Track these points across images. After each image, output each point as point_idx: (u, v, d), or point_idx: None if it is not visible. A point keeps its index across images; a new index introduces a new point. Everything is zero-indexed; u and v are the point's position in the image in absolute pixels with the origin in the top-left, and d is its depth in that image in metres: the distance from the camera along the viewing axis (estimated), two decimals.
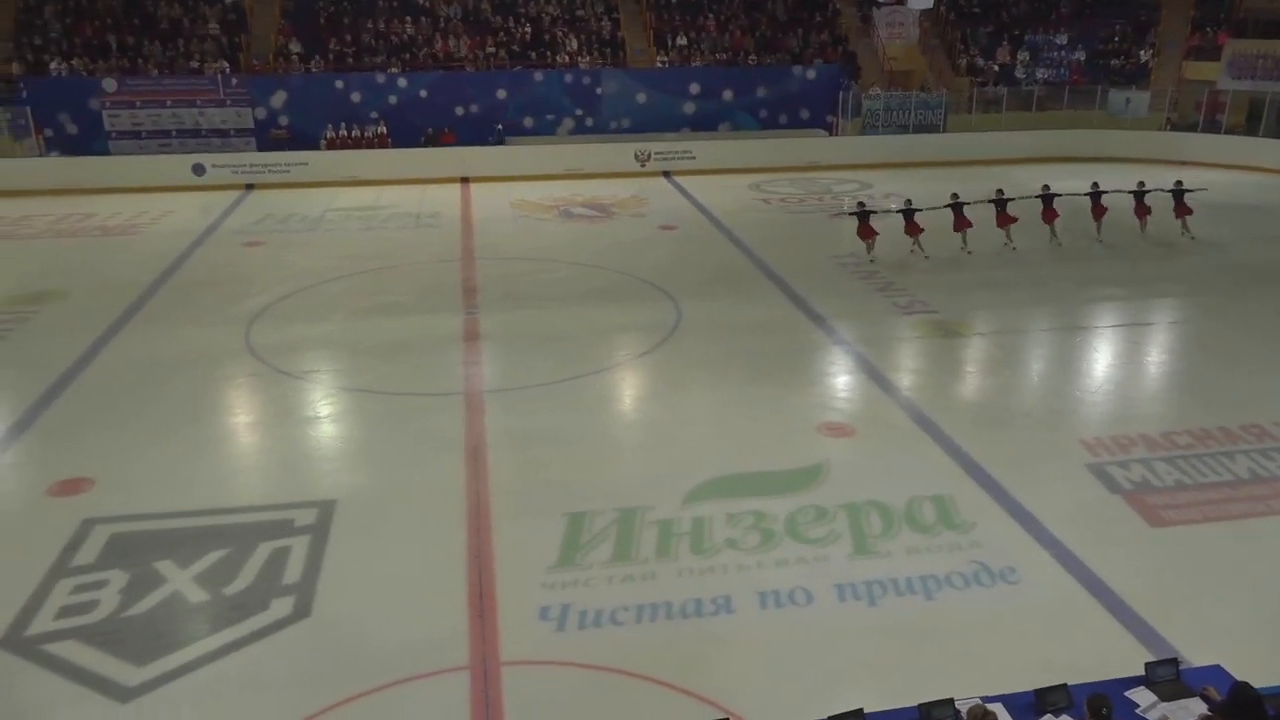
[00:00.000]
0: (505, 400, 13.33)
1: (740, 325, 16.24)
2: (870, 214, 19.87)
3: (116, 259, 20.81)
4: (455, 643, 8.23)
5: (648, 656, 8.02)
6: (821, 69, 33.40)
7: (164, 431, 12.31)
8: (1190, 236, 21.30)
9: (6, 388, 13.86)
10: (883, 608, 8.73)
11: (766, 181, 29.07)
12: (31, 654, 8.11)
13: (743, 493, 10.67)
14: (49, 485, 10.92)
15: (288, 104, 30.49)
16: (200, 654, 8.14)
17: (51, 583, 9.07)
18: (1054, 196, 20.91)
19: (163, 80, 30.12)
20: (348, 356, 15.05)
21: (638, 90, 32.41)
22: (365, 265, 20.29)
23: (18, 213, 25.09)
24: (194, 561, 9.41)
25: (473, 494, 10.74)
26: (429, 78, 31.43)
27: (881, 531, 9.91)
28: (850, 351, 15.11)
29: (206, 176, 28.43)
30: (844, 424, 12.52)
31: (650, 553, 9.55)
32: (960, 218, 20.25)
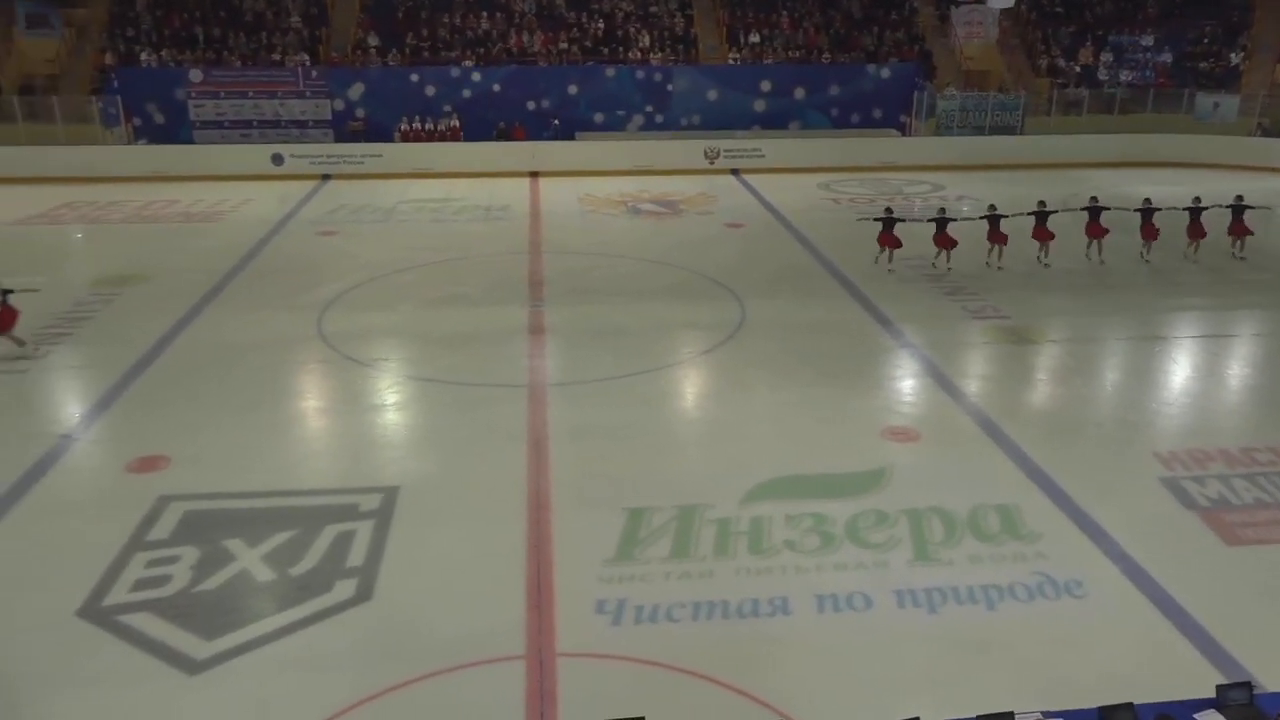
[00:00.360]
0: (568, 394, 13.42)
1: (805, 326, 16.12)
2: (896, 221, 19.15)
3: (197, 245, 21.45)
4: (512, 632, 8.32)
5: (703, 655, 8.01)
6: (896, 68, 32.95)
7: (237, 413, 12.66)
8: (1241, 257, 19.78)
9: (91, 366, 14.38)
10: (943, 616, 8.59)
11: (836, 181, 28.77)
12: (108, 624, 8.42)
13: (803, 494, 10.59)
14: (128, 462, 11.31)
15: (364, 96, 31.10)
16: (265, 631, 8.36)
17: (128, 556, 9.40)
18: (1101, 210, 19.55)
19: (245, 72, 30.95)
20: (415, 346, 15.30)
21: (709, 87, 32.34)
22: (435, 257, 20.59)
23: (107, 198, 26.02)
24: (262, 541, 9.66)
25: (533, 486, 10.84)
26: (502, 72, 31.78)
27: (944, 539, 9.75)
28: (917, 355, 14.89)
29: (285, 166, 29.14)
30: (908, 428, 12.35)
31: (708, 551, 9.54)
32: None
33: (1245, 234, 19.84)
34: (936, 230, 19.18)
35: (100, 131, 29.43)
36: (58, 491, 10.80)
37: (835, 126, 32.81)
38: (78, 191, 26.71)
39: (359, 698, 7.50)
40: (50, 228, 23.26)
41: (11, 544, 9.70)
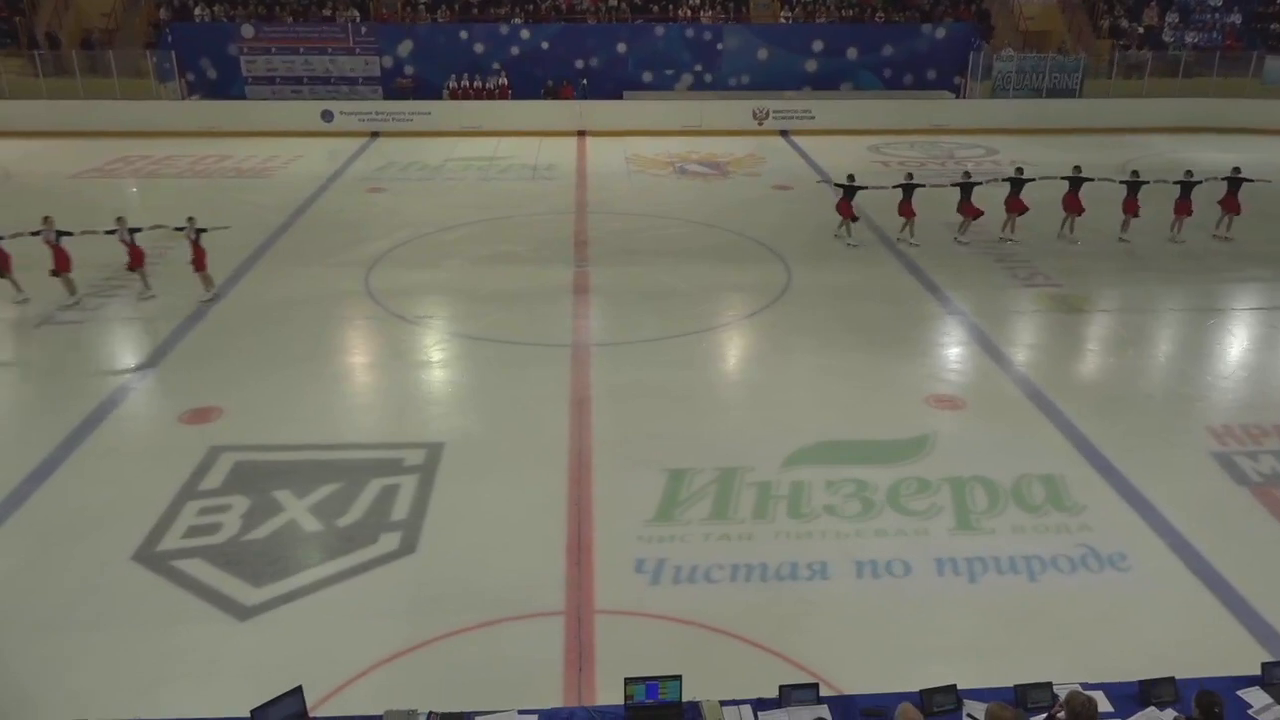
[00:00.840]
0: (612, 354, 13.46)
1: (851, 290, 15.96)
2: (856, 189, 18.22)
3: (248, 200, 21.71)
4: (552, 588, 8.44)
5: (740, 616, 8.07)
6: (952, 28, 32.17)
7: (287, 367, 12.88)
8: (1227, 238, 18.45)
9: (146, 319, 14.69)
10: (983, 585, 8.56)
11: (887, 144, 28.29)
12: (162, 569, 8.68)
13: (844, 460, 10.56)
14: (182, 412, 11.58)
15: (413, 53, 31.07)
16: (312, 580, 8.57)
17: (181, 504, 9.66)
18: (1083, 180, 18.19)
19: (296, 27, 31.05)
20: (461, 303, 15.42)
21: (759, 46, 31.85)
22: (481, 215, 20.66)
23: (161, 152, 26.39)
24: (310, 492, 9.87)
25: (576, 444, 10.93)
26: (551, 29, 31.55)
27: (986, 508, 9.68)
28: (965, 322, 14.69)
29: (334, 123, 29.29)
30: (953, 396, 12.23)
31: (748, 513, 9.57)
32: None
33: (1235, 211, 18.34)
34: (903, 197, 18.03)
35: (154, 86, 29.77)
36: (114, 439, 11.11)
37: (887, 87, 32.18)
38: (133, 145, 27.12)
39: (401, 648, 7.67)
40: (105, 181, 23.68)
41: (71, 489, 10.02)
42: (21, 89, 29.12)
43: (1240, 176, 18.34)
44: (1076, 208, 18.45)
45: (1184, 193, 18.26)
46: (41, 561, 8.80)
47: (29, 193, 22.19)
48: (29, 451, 10.61)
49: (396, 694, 6.60)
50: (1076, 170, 18.60)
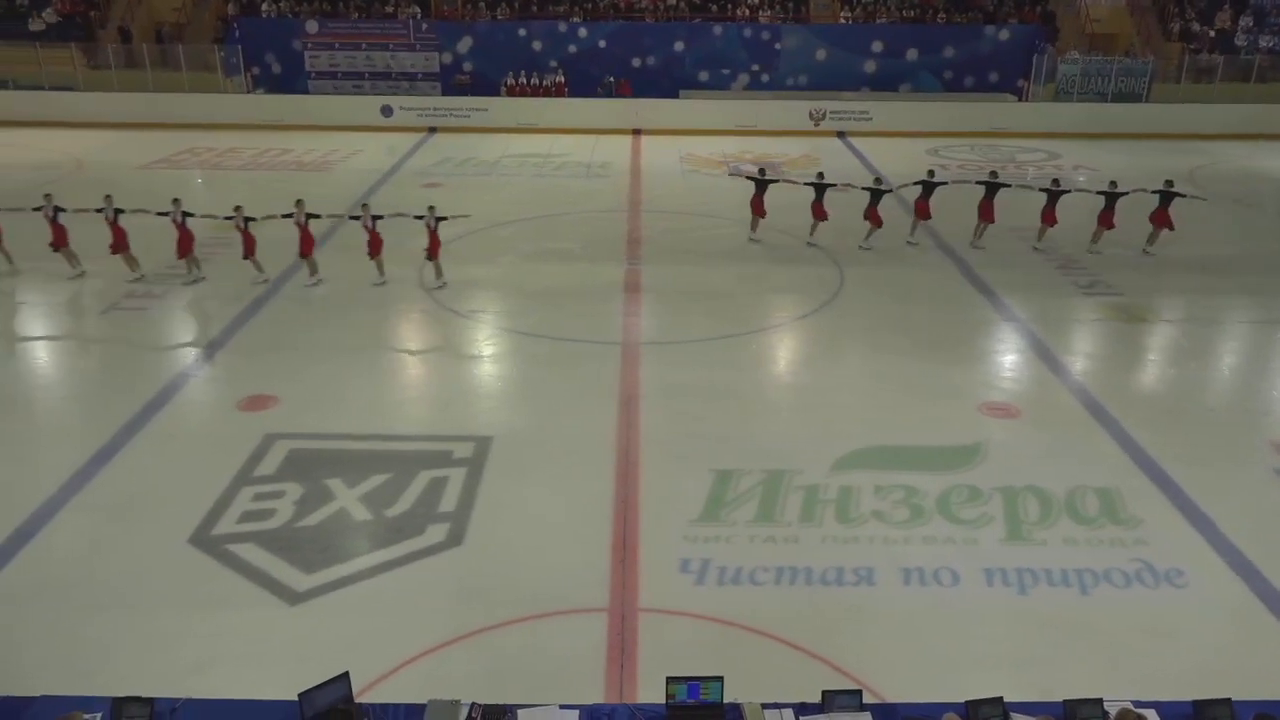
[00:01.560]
0: (662, 353, 13.47)
1: (905, 294, 15.78)
2: (769, 183, 17.84)
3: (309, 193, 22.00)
4: (596, 585, 8.47)
5: (784, 619, 8.03)
6: (1016, 29, 31.65)
7: (341, 358, 13.09)
8: (1150, 253, 17.60)
9: (207, 308, 15.03)
10: (1033, 597, 8.41)
11: (946, 147, 27.91)
12: (216, 552, 8.88)
13: (894, 465, 10.45)
14: (239, 400, 11.83)
15: (472, 50, 31.39)
16: (361, 569, 8.70)
17: (236, 489, 9.87)
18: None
19: (359, 24, 31.55)
20: (513, 299, 15.53)
21: (817, 47, 31.63)
22: (535, 211, 20.79)
23: (225, 145, 26.99)
24: (360, 482, 10.02)
25: (623, 442, 10.95)
26: (609, 27, 31.64)
27: (1039, 519, 9.51)
28: (1021, 329, 14.45)
29: (393, 118, 29.69)
30: (1007, 404, 12.03)
31: (794, 516, 9.51)
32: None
33: (1166, 226, 17.43)
34: (816, 196, 17.71)
35: (221, 80, 30.45)
36: (174, 424, 11.38)
37: (948, 90, 31.76)
38: (199, 138, 27.76)
39: (445, 639, 7.76)
40: (172, 172, 24.26)
41: (132, 471, 10.28)
42: (95, 82, 29.98)
43: (1173, 190, 17.48)
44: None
45: (1108, 204, 17.57)
46: (102, 540, 9.05)
47: (99, 183, 22.79)
48: (94, 433, 10.93)
49: (440, 684, 6.67)
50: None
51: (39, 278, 16.13)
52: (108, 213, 15.48)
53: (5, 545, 8.87)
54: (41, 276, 16.16)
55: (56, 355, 13.63)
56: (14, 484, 9.91)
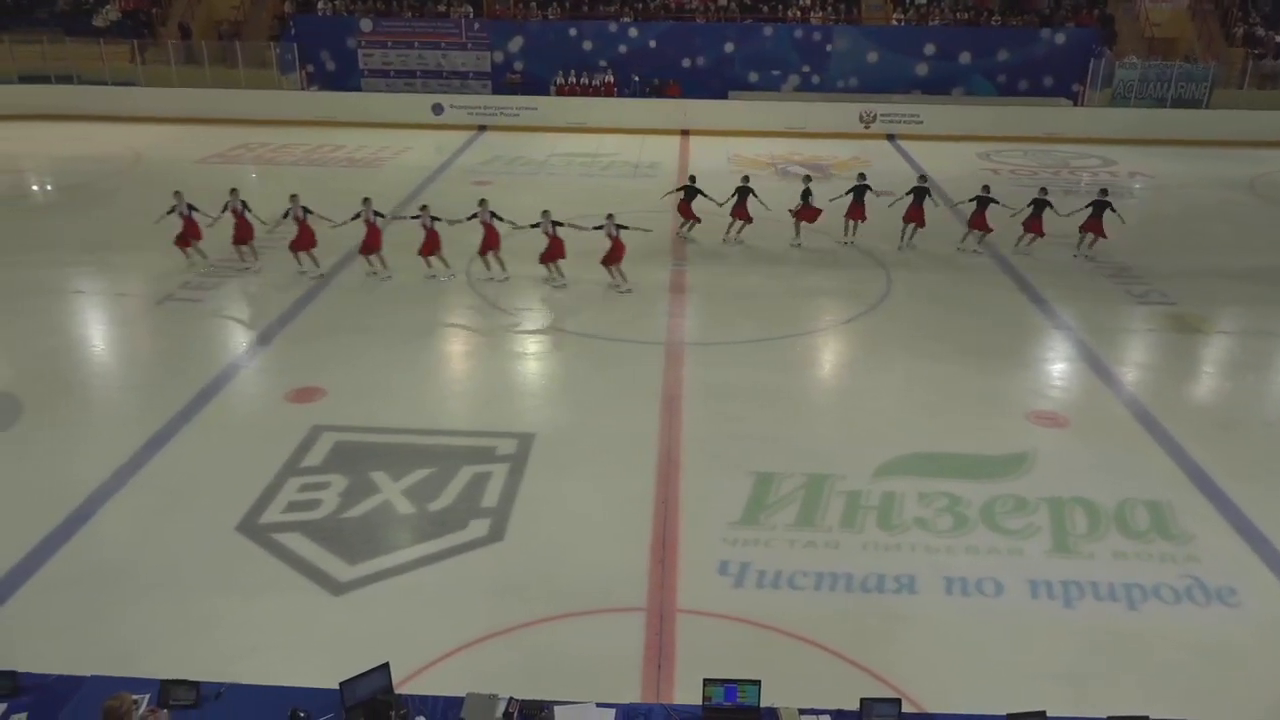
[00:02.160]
0: (705, 354, 13.44)
1: (953, 300, 15.59)
2: (698, 193, 18.02)
3: (360, 189, 22.33)
4: (635, 584, 8.48)
5: (823, 625, 7.98)
6: (1072, 33, 31.11)
7: (388, 352, 13.24)
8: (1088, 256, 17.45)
9: (259, 300, 15.29)
10: (1079, 611, 8.27)
11: (998, 151, 27.53)
12: (263, 540, 9.03)
13: (938, 473, 10.33)
14: (287, 391, 12.01)
15: (523, 49, 31.59)
16: (403, 561, 8.79)
17: (283, 479, 10.03)
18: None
19: (413, 22, 31.88)
20: (559, 297, 15.59)
21: (869, 49, 31.36)
22: (582, 210, 20.79)
23: (280, 140, 27.43)
24: (404, 475, 10.13)
25: (665, 443, 10.95)
26: (659, 28, 31.66)
27: (1086, 531, 9.34)
28: (1071, 338, 14.20)
29: (444, 116, 29.97)
30: (1056, 413, 11.83)
31: (835, 522, 9.44)
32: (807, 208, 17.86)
33: (1098, 232, 17.45)
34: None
35: (277, 77, 30.96)
36: (225, 414, 11.60)
37: (1001, 94, 31.31)
38: (254, 133, 28.25)
39: (484, 633, 7.81)
40: (227, 167, 24.71)
41: (183, 458, 10.50)
42: (155, 78, 30.65)
43: (1105, 200, 17.38)
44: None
45: (1036, 210, 17.51)
46: (153, 525, 9.24)
47: (156, 176, 23.33)
48: (148, 420, 11.17)
49: (478, 678, 6.72)
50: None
51: (100, 268, 16.52)
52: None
53: (61, 528, 9.10)
54: (102, 267, 16.56)
55: (113, 344, 13.96)
56: (71, 468, 10.16)
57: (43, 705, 5.80)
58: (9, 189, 22.41)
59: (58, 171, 24.09)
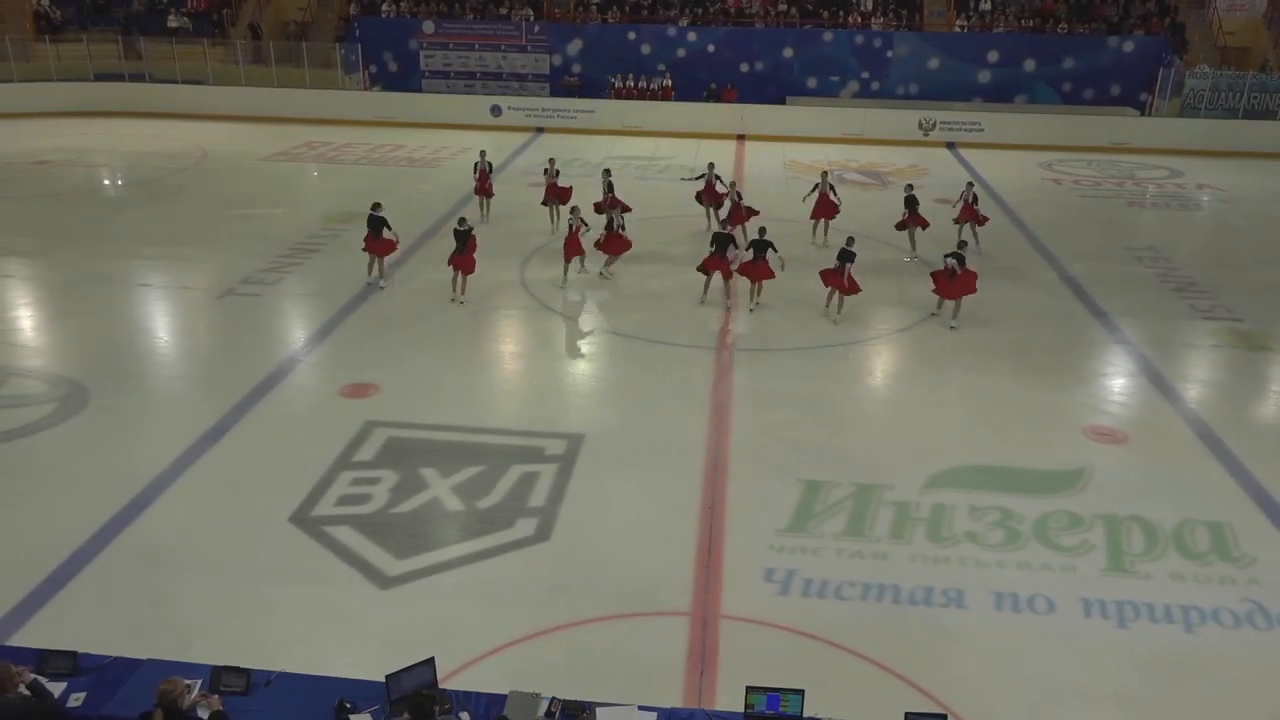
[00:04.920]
0: (756, 360, 13.38)
1: (1010, 311, 15.33)
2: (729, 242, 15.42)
3: (418, 188, 22.68)
4: (679, 589, 8.47)
5: (869, 637, 7.89)
6: (1141, 41, 30.42)
7: (441, 350, 13.40)
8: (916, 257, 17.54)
9: (316, 296, 15.55)
10: (1133, 631, 8.08)
11: (1060, 161, 27.03)
12: (314, 532, 9.19)
13: (990, 486, 10.17)
14: (341, 387, 12.20)
15: (582, 52, 31.74)
16: (451, 557, 8.89)
17: (336, 473, 10.19)
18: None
19: (473, 24, 32.23)
20: (611, 300, 15.63)
21: (930, 55, 30.98)
22: (636, 214, 20.85)
23: (342, 139, 27.91)
24: (454, 473, 10.24)
25: (713, 447, 10.92)
26: (718, 32, 31.60)
27: (1143, 551, 9.13)
28: (1132, 353, 13.88)
29: (502, 118, 30.24)
30: (1114, 429, 11.58)
31: (884, 532, 9.34)
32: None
33: (920, 224, 18.07)
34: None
35: (340, 77, 31.52)
36: (281, 407, 11.83)
37: (1066, 102, 30.71)
38: (317, 132, 28.77)
39: (529, 632, 7.86)
40: (290, 164, 25.22)
41: (240, 450, 10.73)
42: (224, 76, 31.39)
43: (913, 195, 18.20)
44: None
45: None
46: (210, 514, 9.46)
47: (222, 172, 23.91)
48: (207, 411, 11.43)
49: (521, 676, 6.76)
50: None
51: (166, 262, 16.95)
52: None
53: (121, 514, 9.35)
54: (168, 261, 16.99)
55: (175, 336, 14.30)
56: (132, 456, 10.44)
57: (100, 686, 5.97)
58: (83, 183, 23.10)
59: (128, 167, 24.78)
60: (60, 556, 8.64)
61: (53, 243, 17.85)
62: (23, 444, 10.75)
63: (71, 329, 14.20)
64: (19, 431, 10.98)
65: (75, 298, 15.17)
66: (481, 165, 19.81)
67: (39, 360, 13.16)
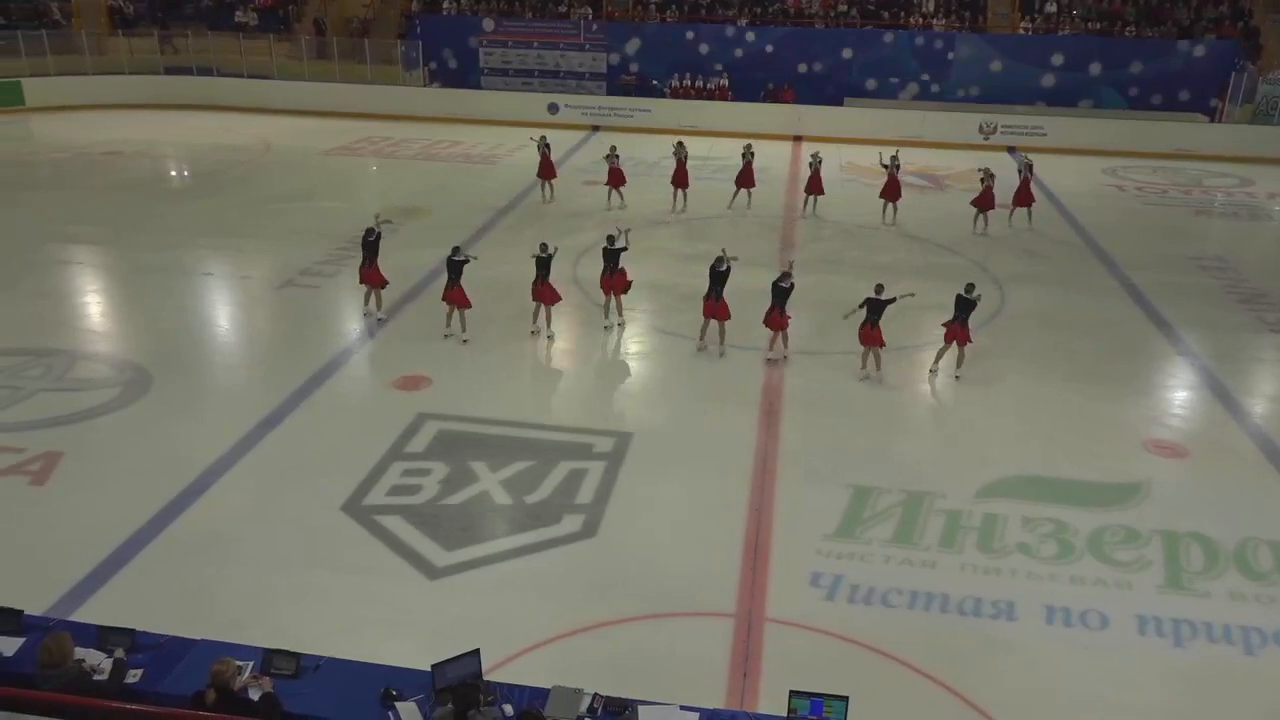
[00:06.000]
0: (807, 363, 13.28)
1: (1069, 320, 15.03)
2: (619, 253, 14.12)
3: (474, 184, 22.89)
4: (724, 590, 8.44)
5: (916, 645, 7.80)
6: (1213, 45, 29.61)
7: (493, 345, 13.50)
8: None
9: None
10: (1190, 651, 7.88)
11: (1125, 167, 26.43)
12: (365, 521, 9.32)
13: (1045, 498, 9.98)
14: (395, 379, 12.37)
15: (640, 51, 31.78)
16: (498, 551, 8.96)
17: (387, 463, 10.33)
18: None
19: (533, 23, 32.45)
20: (662, 299, 15.63)
21: (992, 58, 30.49)
22: (691, 213, 20.86)
23: (400, 135, 28.28)
24: (503, 467, 10.31)
25: (762, 450, 10.87)
26: (777, 33, 31.43)
27: (1203, 568, 8.90)
28: (1196, 365, 13.53)
29: (559, 115, 30.38)
30: (1175, 443, 11.30)
31: (934, 541, 9.22)
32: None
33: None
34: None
35: (401, 73, 31.95)
36: (335, 397, 12.02)
37: (1132, 107, 30.01)
38: (376, 127, 29.19)
39: (573, 628, 7.90)
40: (350, 159, 25.60)
41: (294, 438, 10.93)
42: (288, 71, 31.99)
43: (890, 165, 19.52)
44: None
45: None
46: (263, 501, 9.65)
47: (283, 164, 24.37)
48: (263, 400, 11.66)
49: (564, 671, 6.78)
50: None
51: (227, 252, 17.31)
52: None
53: (179, 499, 9.57)
54: (229, 251, 17.35)
55: (235, 325, 14.61)
56: (191, 443, 10.68)
57: (157, 663, 6.11)
58: (151, 174, 23.70)
59: (194, 159, 25.37)
60: (121, 537, 8.88)
61: (121, 231, 18.35)
62: (90, 425, 11.07)
63: (137, 315, 14.58)
64: (86, 414, 11.31)
65: (141, 285, 15.58)
66: (543, 149, 21.01)
67: (106, 345, 13.53)
